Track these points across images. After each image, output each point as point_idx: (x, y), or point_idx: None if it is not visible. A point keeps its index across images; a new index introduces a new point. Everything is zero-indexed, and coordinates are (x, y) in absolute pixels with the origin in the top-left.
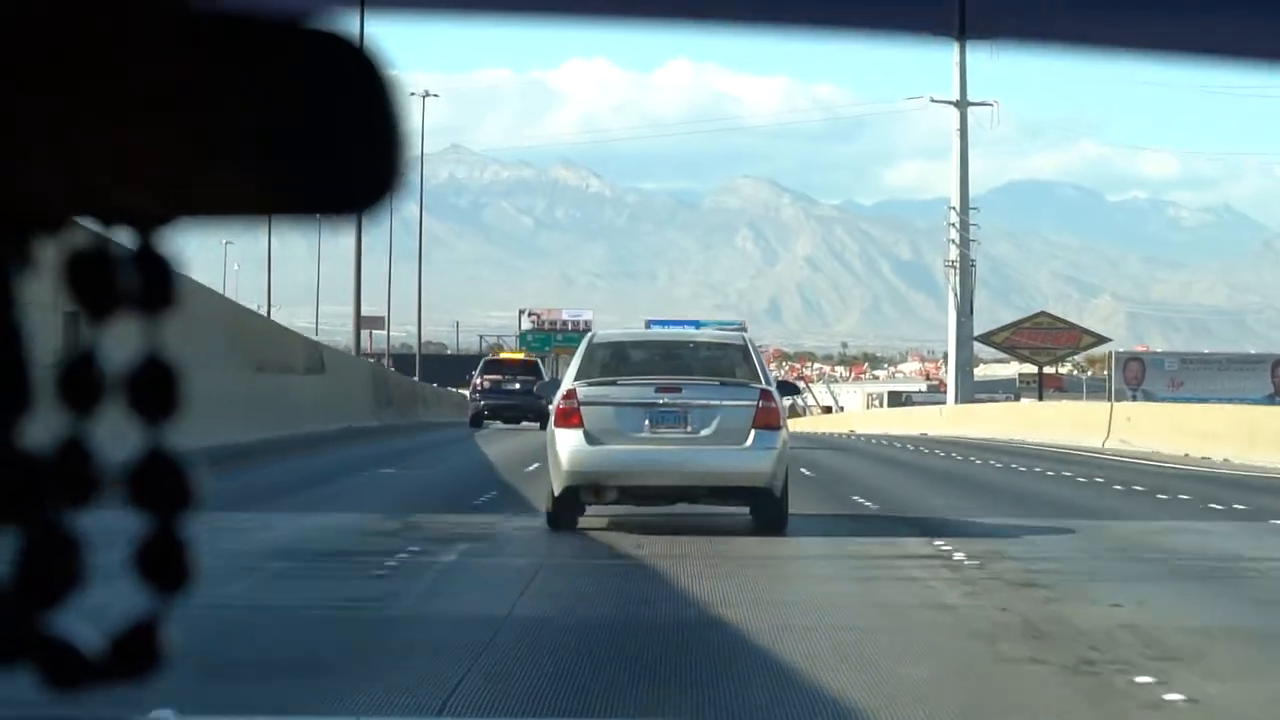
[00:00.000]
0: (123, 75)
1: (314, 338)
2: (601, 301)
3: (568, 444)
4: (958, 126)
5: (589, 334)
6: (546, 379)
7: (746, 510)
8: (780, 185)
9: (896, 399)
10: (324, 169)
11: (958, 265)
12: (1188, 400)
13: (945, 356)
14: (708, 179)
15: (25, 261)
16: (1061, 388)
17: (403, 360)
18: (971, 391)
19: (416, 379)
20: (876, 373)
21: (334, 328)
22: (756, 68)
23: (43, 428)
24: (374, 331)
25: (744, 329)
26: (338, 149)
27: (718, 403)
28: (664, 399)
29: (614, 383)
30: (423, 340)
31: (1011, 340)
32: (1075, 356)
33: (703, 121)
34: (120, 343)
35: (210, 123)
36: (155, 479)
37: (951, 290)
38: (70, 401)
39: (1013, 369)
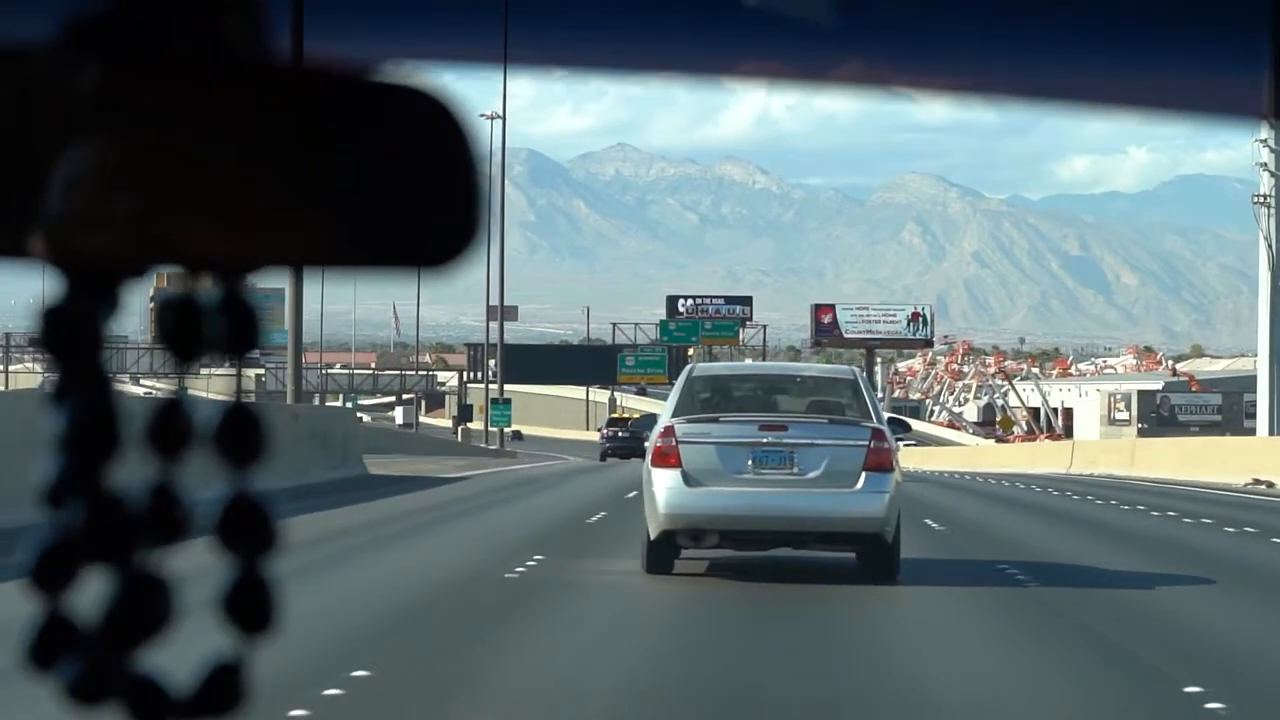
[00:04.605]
0: (209, 128)
1: None
2: (768, 298)
3: (665, 485)
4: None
5: (688, 366)
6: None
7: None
8: (947, 180)
9: (1149, 402)
10: (404, 222)
11: (1273, 201)
12: None
13: (1155, 352)
14: (875, 174)
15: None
16: None
17: (524, 350)
18: None
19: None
20: (1080, 366)
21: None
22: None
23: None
24: (506, 323)
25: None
26: (417, 203)
27: (826, 442)
28: (768, 438)
29: (715, 420)
30: (580, 336)
31: None
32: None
33: (875, 118)
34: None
35: (292, 174)
36: (240, 523)
37: (1264, 239)
38: (158, 447)
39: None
